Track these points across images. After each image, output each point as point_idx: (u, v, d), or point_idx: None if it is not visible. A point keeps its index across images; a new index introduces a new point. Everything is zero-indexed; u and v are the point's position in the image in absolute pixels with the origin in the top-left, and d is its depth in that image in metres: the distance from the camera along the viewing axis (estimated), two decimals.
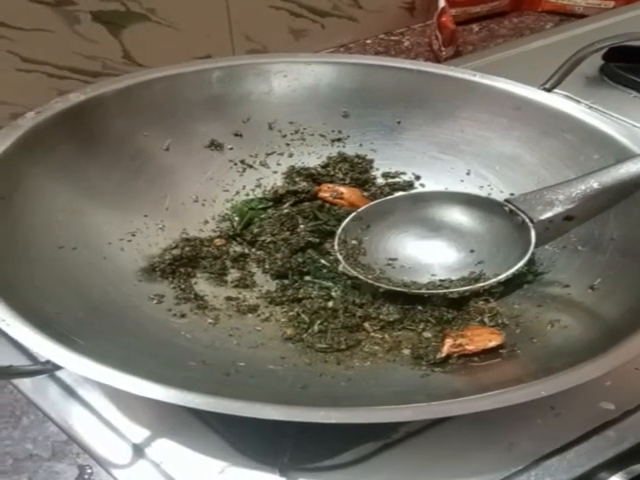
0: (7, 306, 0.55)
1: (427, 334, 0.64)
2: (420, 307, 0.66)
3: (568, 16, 1.26)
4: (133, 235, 0.71)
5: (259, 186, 0.79)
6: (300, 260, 0.72)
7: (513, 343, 0.62)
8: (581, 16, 1.24)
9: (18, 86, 0.95)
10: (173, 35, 1.02)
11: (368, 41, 1.19)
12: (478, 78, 0.80)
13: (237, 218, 0.76)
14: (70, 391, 0.63)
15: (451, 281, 0.67)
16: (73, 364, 0.52)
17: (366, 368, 0.61)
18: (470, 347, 0.61)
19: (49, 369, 0.53)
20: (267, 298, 0.69)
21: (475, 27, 1.24)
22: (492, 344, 0.61)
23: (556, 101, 0.78)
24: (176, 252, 0.71)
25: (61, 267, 0.64)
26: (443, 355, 0.61)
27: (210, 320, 0.66)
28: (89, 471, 0.58)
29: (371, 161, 0.81)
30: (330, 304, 0.67)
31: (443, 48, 1.12)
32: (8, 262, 0.61)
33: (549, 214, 0.68)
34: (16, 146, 0.68)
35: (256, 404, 0.51)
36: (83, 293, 0.63)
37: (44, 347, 0.53)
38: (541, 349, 0.61)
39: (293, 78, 0.82)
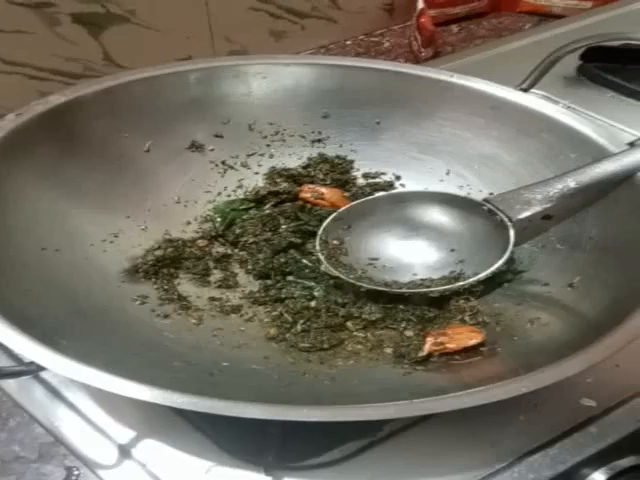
0: None
1: (409, 333, 0.65)
2: (402, 306, 0.67)
3: (546, 16, 1.26)
4: (115, 236, 0.71)
5: (240, 187, 0.79)
6: (282, 260, 0.72)
7: (494, 341, 0.62)
8: (559, 17, 1.25)
9: None
10: (153, 36, 1.03)
11: (348, 42, 1.20)
12: (455, 79, 0.80)
13: (219, 219, 0.76)
14: (55, 392, 0.63)
15: (432, 280, 0.68)
16: (57, 365, 0.52)
17: (349, 367, 0.62)
18: (451, 345, 0.62)
19: (33, 370, 0.53)
20: (250, 298, 0.69)
21: (454, 28, 1.24)
22: (473, 342, 0.62)
23: (532, 101, 0.79)
24: (159, 253, 0.71)
25: (44, 269, 0.64)
26: (425, 354, 0.61)
27: (194, 321, 0.66)
28: (76, 472, 0.58)
29: (351, 162, 0.81)
30: (313, 304, 0.67)
31: (422, 49, 1.13)
32: None
33: (527, 213, 0.69)
34: None
35: (240, 403, 0.51)
36: (67, 294, 0.63)
37: (28, 348, 0.53)
38: (522, 346, 0.61)
39: (272, 79, 0.82)
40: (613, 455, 0.59)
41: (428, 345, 0.62)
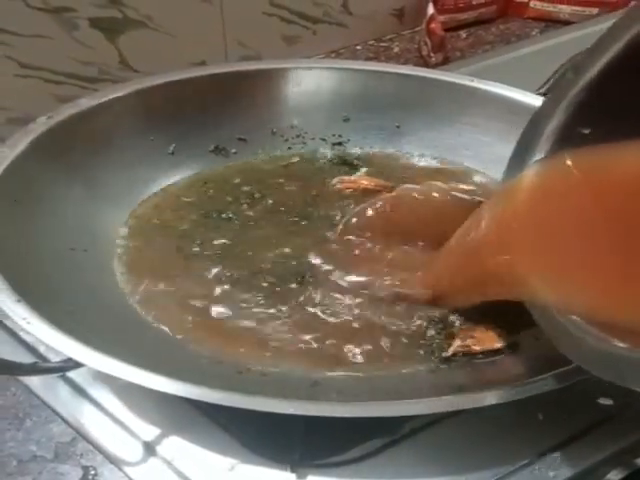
0: (27, 305, 0.56)
1: (431, 332, 0.65)
2: (422, 305, 0.68)
3: (553, 22, 1.27)
4: None
5: None
6: None
7: (516, 341, 0.63)
8: (566, 22, 1.26)
9: (15, 91, 0.96)
10: (168, 41, 1.03)
11: (358, 47, 1.21)
12: (475, 83, 0.82)
13: None
14: (80, 390, 0.63)
15: None
16: (95, 361, 0.53)
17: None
18: (476, 347, 0.62)
19: (70, 366, 0.54)
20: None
21: (463, 33, 1.25)
22: (498, 345, 0.63)
23: None
24: None
25: (73, 268, 0.65)
26: (449, 354, 0.62)
27: None
28: (93, 472, 0.58)
29: None
30: None
31: (432, 54, 1.14)
32: (23, 263, 0.62)
33: None
34: (29, 150, 0.69)
35: (274, 399, 0.52)
36: (95, 294, 0.64)
37: (66, 345, 0.54)
38: (544, 346, 0.62)
39: (295, 83, 0.83)
40: (631, 453, 0.59)
41: (454, 347, 0.63)
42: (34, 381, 0.64)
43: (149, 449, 0.59)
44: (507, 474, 0.58)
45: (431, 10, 1.17)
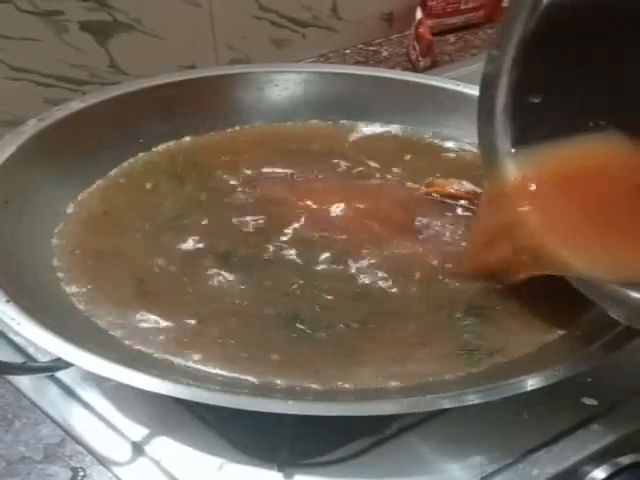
0: (17, 306, 0.56)
1: None
2: None
3: None
4: None
5: None
6: None
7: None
8: None
9: (5, 94, 0.96)
10: (158, 44, 1.04)
11: (347, 51, 1.21)
12: (461, 88, 0.83)
13: None
14: (69, 391, 0.63)
15: None
16: (85, 361, 0.53)
17: None
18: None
19: (60, 366, 0.55)
20: None
21: (451, 38, 1.26)
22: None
23: None
24: None
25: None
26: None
27: None
28: (82, 473, 0.58)
29: None
30: None
31: (421, 58, 1.15)
32: (13, 264, 0.62)
33: None
34: (19, 152, 0.69)
35: (262, 399, 0.53)
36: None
37: (56, 345, 0.54)
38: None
39: (284, 87, 0.84)
40: (614, 453, 0.60)
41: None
42: (23, 382, 0.64)
43: (137, 449, 0.59)
44: (492, 473, 0.58)
45: (419, 14, 1.18)
